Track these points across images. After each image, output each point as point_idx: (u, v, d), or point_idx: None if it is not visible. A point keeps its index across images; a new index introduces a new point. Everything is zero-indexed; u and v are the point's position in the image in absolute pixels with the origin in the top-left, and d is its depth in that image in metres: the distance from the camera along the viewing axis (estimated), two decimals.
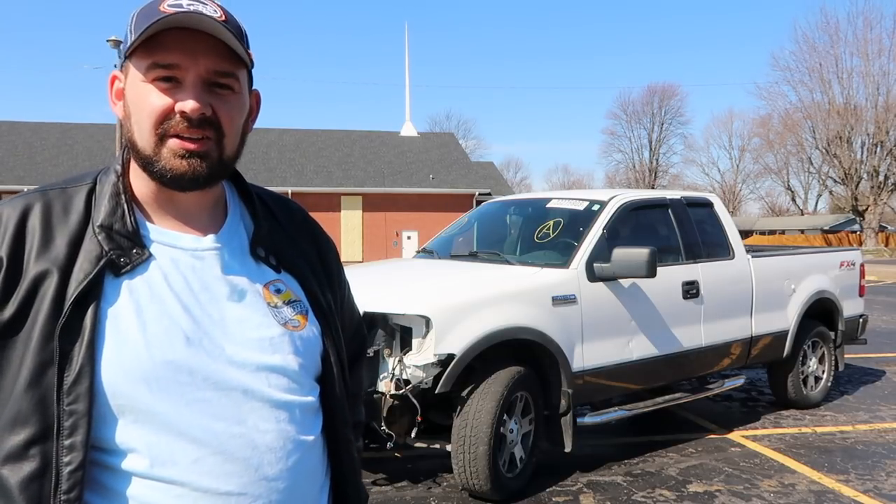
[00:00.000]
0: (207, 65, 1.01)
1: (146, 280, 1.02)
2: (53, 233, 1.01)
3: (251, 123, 1.14)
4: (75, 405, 0.94)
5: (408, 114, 49.20)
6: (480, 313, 4.11)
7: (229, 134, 1.05)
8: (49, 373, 0.95)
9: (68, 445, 0.94)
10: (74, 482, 0.94)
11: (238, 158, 1.10)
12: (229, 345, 1.03)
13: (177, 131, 1.01)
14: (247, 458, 1.01)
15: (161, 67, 1.00)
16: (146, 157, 1.03)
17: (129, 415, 0.97)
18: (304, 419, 1.09)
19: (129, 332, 0.98)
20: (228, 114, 1.04)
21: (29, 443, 0.95)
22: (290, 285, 1.14)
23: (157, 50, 1.00)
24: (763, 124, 51.05)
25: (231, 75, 1.04)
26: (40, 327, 0.96)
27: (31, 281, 0.98)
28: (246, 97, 1.09)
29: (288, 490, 1.04)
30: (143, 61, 1.01)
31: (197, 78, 1.01)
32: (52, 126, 34.44)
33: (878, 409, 6.28)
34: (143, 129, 1.02)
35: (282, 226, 1.20)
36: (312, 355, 1.13)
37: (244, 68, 1.07)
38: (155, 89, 1.01)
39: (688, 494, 4.29)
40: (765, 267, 5.87)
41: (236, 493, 0.99)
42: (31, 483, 0.94)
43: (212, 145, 1.03)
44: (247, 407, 1.02)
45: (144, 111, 1.01)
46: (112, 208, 1.05)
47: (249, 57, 1.06)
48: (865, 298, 7.10)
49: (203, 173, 1.03)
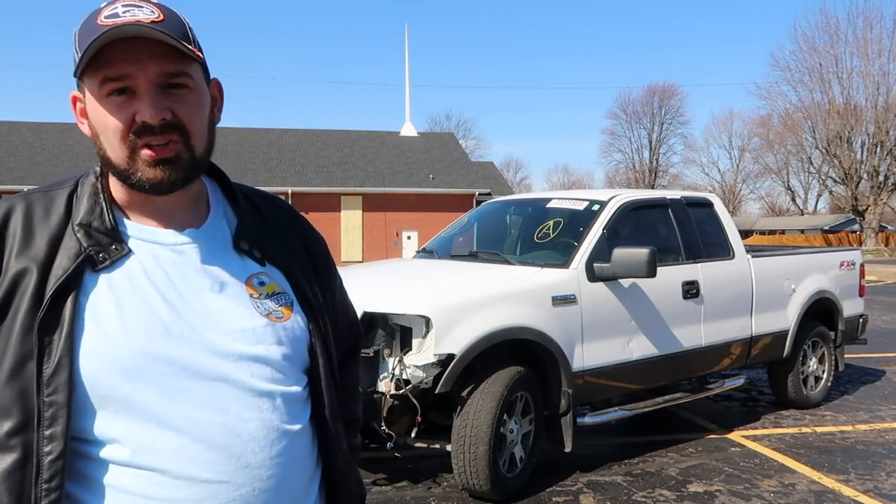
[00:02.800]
0: (155, 69, 1.01)
1: (126, 274, 1.03)
2: (34, 233, 1.03)
3: (218, 113, 1.14)
4: (55, 396, 0.96)
5: (408, 114, 49.20)
6: (480, 313, 4.11)
7: (195, 132, 1.06)
8: (29, 365, 0.97)
9: (48, 435, 0.96)
10: (55, 471, 0.96)
11: (211, 152, 1.11)
12: (210, 335, 1.04)
13: (145, 142, 1.01)
14: (229, 446, 1.01)
15: (112, 81, 1.00)
16: (122, 171, 1.04)
17: (109, 405, 0.98)
18: (290, 409, 1.09)
19: (109, 325, 1.00)
20: (189, 113, 1.04)
21: (10, 433, 0.97)
22: (274, 278, 1.15)
23: (104, 65, 1.00)
24: (763, 124, 51.00)
25: (183, 74, 1.04)
26: (20, 321, 0.98)
27: (12, 278, 1.00)
28: (204, 91, 1.09)
29: (273, 478, 1.04)
30: (94, 79, 1.01)
31: (149, 84, 1.01)
32: (52, 126, 34.39)
33: (878, 409, 6.28)
34: (113, 145, 1.03)
35: (267, 220, 1.21)
36: (298, 346, 1.13)
37: (195, 63, 1.06)
38: (112, 103, 1.01)
39: (688, 494, 4.29)
40: (765, 267, 5.87)
41: (217, 480, 1.00)
42: (12, 473, 0.96)
43: (180, 147, 1.04)
44: (229, 396, 1.03)
45: (109, 128, 1.02)
46: (90, 207, 1.06)
47: (195, 52, 1.04)
48: (865, 298, 7.10)
49: (179, 176, 1.05)
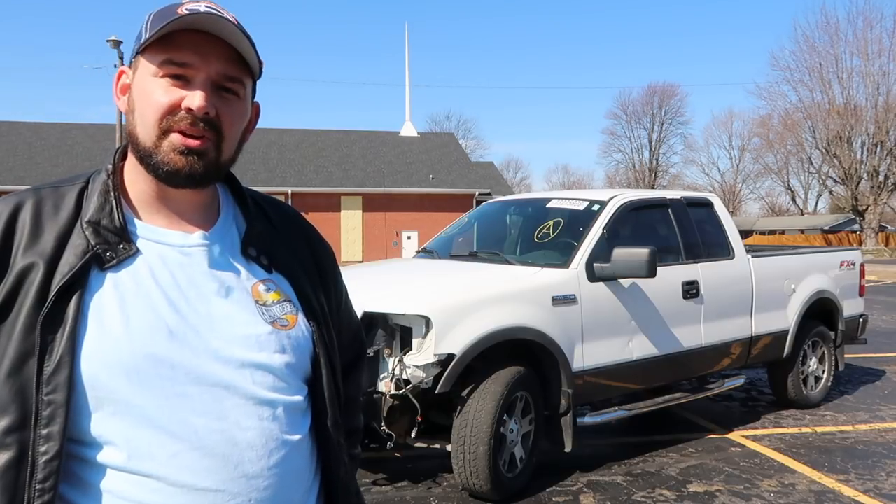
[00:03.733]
0: (218, 68, 1.04)
1: (132, 274, 1.03)
2: (43, 228, 1.03)
3: (248, 133, 1.16)
4: (54, 395, 0.95)
5: (408, 114, 49.17)
6: (480, 313, 4.11)
7: (228, 137, 1.07)
8: (30, 362, 0.96)
9: (45, 435, 0.95)
10: (50, 472, 0.94)
11: (233, 163, 1.12)
12: (214, 340, 1.03)
13: (179, 128, 1.03)
14: (226, 454, 0.99)
15: (174, 65, 1.03)
16: (145, 149, 1.04)
17: (107, 407, 0.97)
18: (290, 418, 1.08)
19: (112, 325, 0.99)
20: (230, 118, 1.07)
21: (7, 431, 0.95)
22: (280, 285, 1.14)
23: (172, 48, 1.02)
24: (763, 124, 50.97)
25: (238, 81, 1.07)
26: (24, 318, 0.97)
27: (18, 273, 0.99)
28: (248, 105, 1.11)
29: (270, 489, 1.02)
30: (157, 57, 1.03)
31: (206, 79, 1.04)
32: (52, 126, 34.41)
33: (878, 408, 6.28)
34: (147, 122, 1.04)
35: (276, 227, 1.21)
36: (301, 355, 1.12)
37: (250, 77, 1.09)
38: (164, 84, 1.03)
39: (688, 494, 4.29)
40: (765, 267, 5.87)
41: (213, 489, 0.98)
42: (7, 471, 0.95)
43: (211, 145, 1.05)
44: (229, 403, 1.01)
45: (151, 105, 1.03)
46: (100, 204, 1.06)
47: (260, 65, 1.08)
48: (865, 298, 7.10)
49: (199, 171, 1.05)
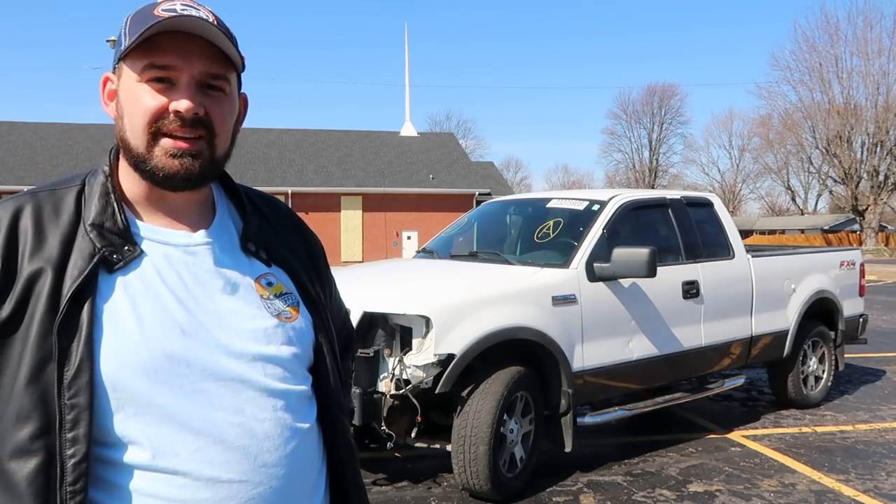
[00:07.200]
0: (201, 67, 1.04)
1: (140, 276, 1.04)
2: (46, 233, 1.03)
3: (239, 125, 1.17)
4: (76, 399, 0.96)
5: (408, 114, 49.30)
6: (480, 313, 4.11)
7: (220, 134, 1.08)
8: (49, 368, 0.96)
9: (71, 438, 0.96)
10: (79, 474, 0.95)
11: (228, 159, 1.13)
12: (225, 336, 1.05)
13: (170, 130, 1.03)
14: (246, 446, 1.03)
15: (156, 68, 1.03)
16: (138, 155, 1.05)
17: (129, 407, 0.99)
18: (300, 407, 1.12)
19: (127, 327, 1.00)
20: (220, 115, 1.07)
21: (33, 437, 0.96)
22: (280, 278, 1.17)
23: (153, 52, 1.02)
24: (763, 124, 50.97)
25: (222, 77, 1.07)
26: (38, 324, 0.97)
27: (26, 280, 0.99)
28: (236, 99, 1.12)
29: (287, 476, 1.06)
30: (139, 62, 1.03)
31: (191, 79, 1.04)
32: (52, 126, 34.40)
33: (878, 408, 6.28)
34: (136, 128, 1.04)
35: (270, 222, 1.23)
36: (305, 346, 1.15)
37: (234, 71, 1.10)
38: (149, 89, 1.03)
39: (688, 494, 4.29)
40: (765, 267, 5.87)
41: (237, 480, 1.02)
42: (37, 476, 0.96)
43: (204, 145, 1.06)
44: (244, 396, 1.04)
45: (138, 110, 1.03)
46: (102, 207, 1.06)
47: (241, 59, 1.09)
48: (865, 298, 7.10)
49: (195, 173, 1.06)
